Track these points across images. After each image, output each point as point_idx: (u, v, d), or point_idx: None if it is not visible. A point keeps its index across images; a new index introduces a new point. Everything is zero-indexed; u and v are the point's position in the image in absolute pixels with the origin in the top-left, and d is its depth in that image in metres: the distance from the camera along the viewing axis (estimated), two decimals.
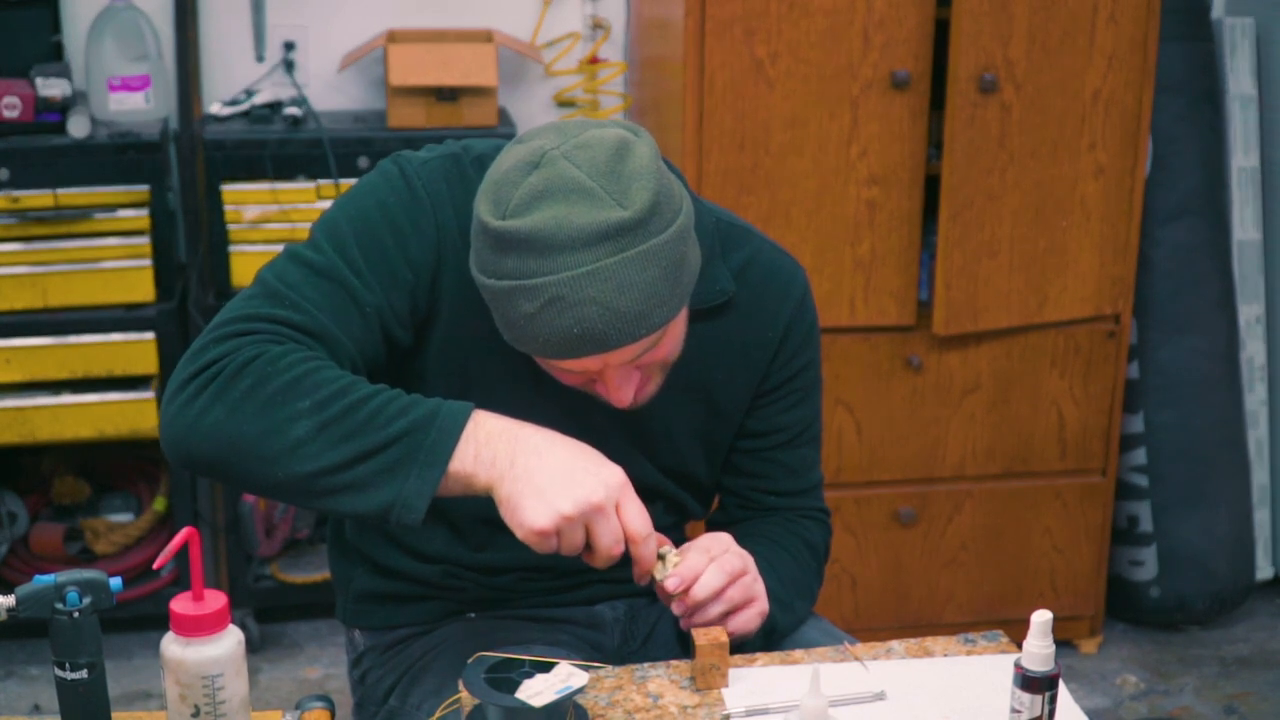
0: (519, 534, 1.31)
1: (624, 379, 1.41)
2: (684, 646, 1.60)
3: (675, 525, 1.70)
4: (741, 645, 1.53)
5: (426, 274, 1.45)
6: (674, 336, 1.44)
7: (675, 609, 1.45)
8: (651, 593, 1.68)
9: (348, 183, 2.78)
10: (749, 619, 1.49)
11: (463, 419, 1.32)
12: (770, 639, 1.57)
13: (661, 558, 1.42)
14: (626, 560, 1.39)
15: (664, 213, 1.33)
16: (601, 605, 1.68)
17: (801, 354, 1.64)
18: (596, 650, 1.64)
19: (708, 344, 1.56)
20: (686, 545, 1.47)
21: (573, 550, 1.33)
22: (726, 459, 1.67)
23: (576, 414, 1.51)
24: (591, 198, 1.30)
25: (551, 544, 1.32)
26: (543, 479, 1.30)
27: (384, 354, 1.45)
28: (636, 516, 1.34)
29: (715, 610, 1.45)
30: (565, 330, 1.31)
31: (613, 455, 1.36)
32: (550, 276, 1.29)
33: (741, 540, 1.58)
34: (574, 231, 1.28)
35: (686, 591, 1.43)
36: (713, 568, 1.44)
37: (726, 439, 1.65)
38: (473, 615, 1.64)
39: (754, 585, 1.49)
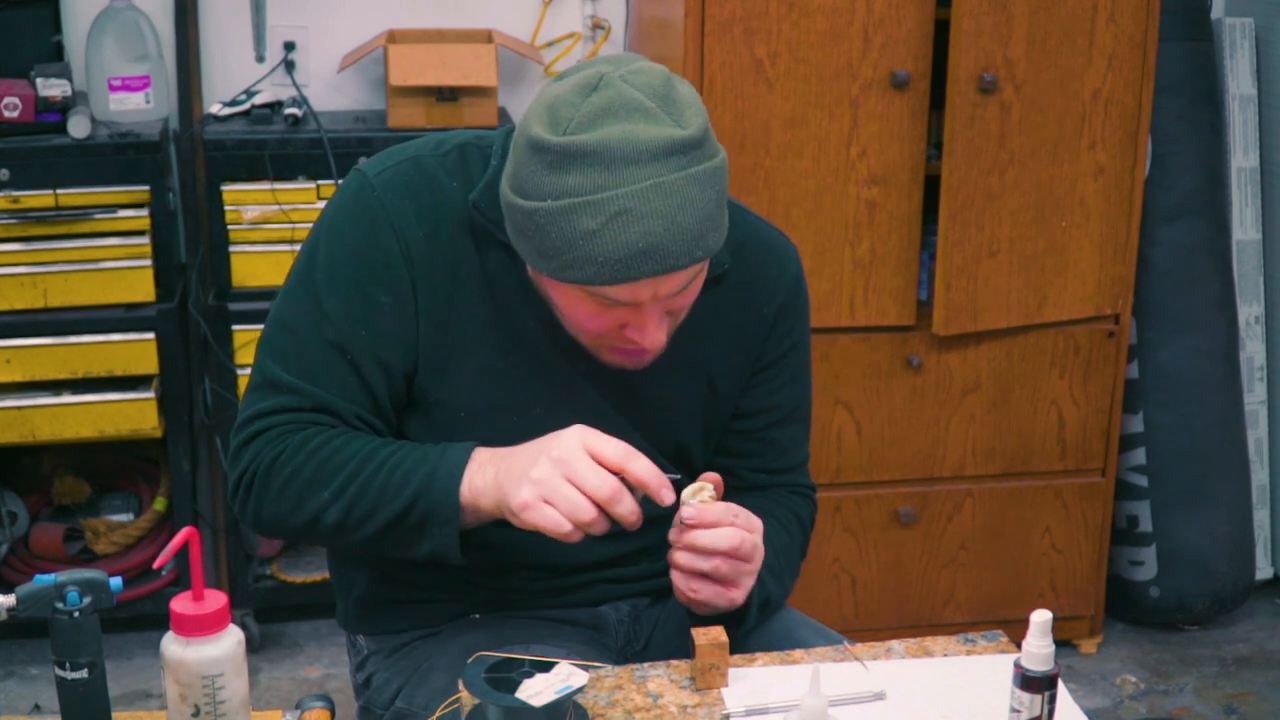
0: (523, 520, 1.35)
1: (660, 320, 1.42)
2: (687, 647, 1.60)
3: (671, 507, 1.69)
4: (730, 625, 1.53)
5: (404, 284, 1.48)
6: (699, 284, 1.46)
7: (670, 535, 1.44)
8: (654, 593, 1.69)
9: None
10: (717, 595, 1.45)
11: (459, 470, 1.39)
12: (763, 611, 1.56)
13: (699, 490, 1.42)
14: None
15: (713, 141, 1.37)
16: (605, 606, 1.67)
17: (794, 332, 1.65)
18: (602, 651, 1.64)
19: (704, 319, 1.57)
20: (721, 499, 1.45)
21: (580, 514, 1.32)
22: (718, 440, 1.67)
23: (572, 394, 1.52)
24: (652, 116, 1.33)
25: (551, 515, 1.33)
26: (520, 466, 1.36)
27: (384, 382, 1.49)
28: (609, 446, 1.35)
29: (698, 565, 1.42)
30: (630, 245, 1.32)
31: (611, 434, 1.36)
32: (618, 190, 1.31)
33: None
34: (641, 145, 1.31)
35: (691, 528, 1.41)
36: (731, 531, 1.42)
37: (724, 419, 1.65)
38: (477, 616, 1.64)
39: (744, 572, 1.46)
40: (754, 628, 1.57)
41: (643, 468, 1.34)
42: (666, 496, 1.35)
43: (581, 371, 1.53)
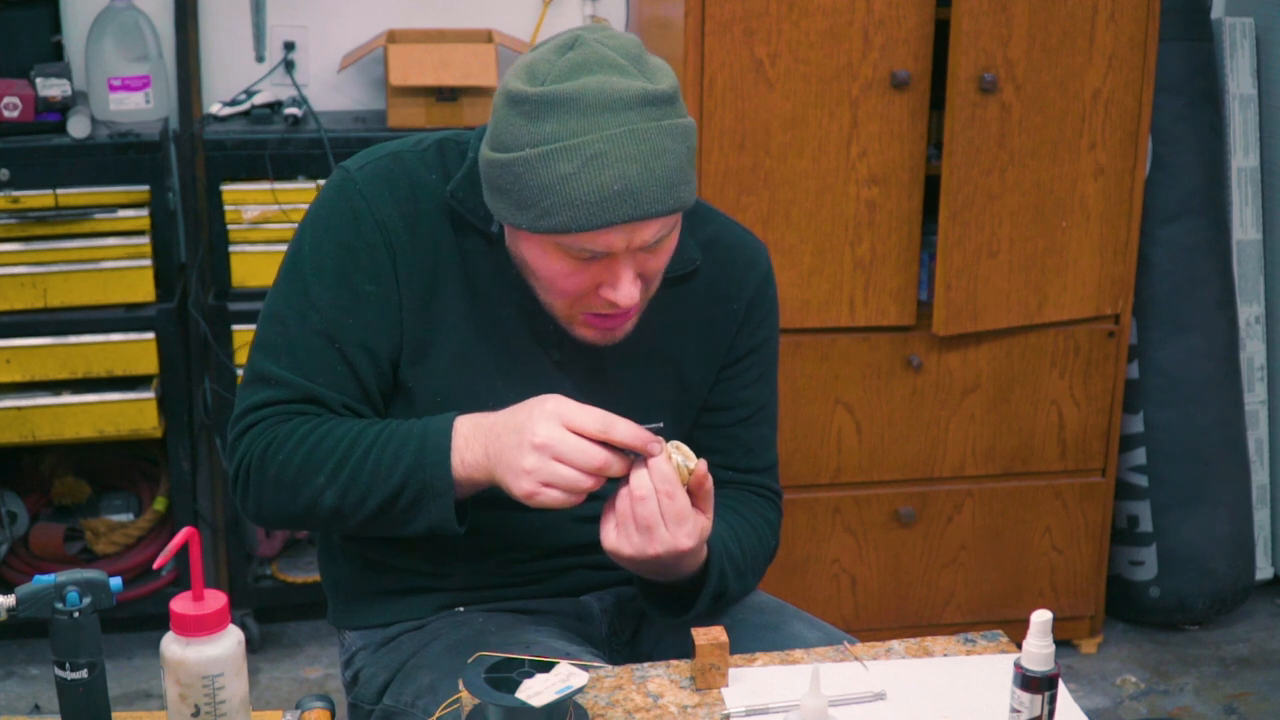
0: (533, 505, 1.38)
1: (634, 278, 1.45)
2: (676, 638, 1.60)
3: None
4: (678, 606, 1.55)
5: (387, 273, 1.52)
6: (670, 246, 1.49)
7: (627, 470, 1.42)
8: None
9: None
10: (624, 534, 1.42)
11: (446, 443, 1.42)
12: (717, 602, 1.57)
13: (681, 450, 1.43)
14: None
15: (684, 106, 1.43)
16: (588, 596, 1.69)
17: (762, 328, 1.68)
18: (586, 641, 1.64)
19: (675, 314, 1.61)
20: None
21: (580, 485, 1.36)
22: (688, 436, 1.68)
23: (545, 382, 1.53)
24: (626, 72, 1.39)
25: (555, 496, 1.37)
26: (508, 454, 1.39)
27: (371, 369, 1.53)
28: (587, 419, 1.37)
29: (622, 502, 1.41)
30: (605, 187, 1.36)
31: None
32: (593, 134, 1.36)
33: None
34: (616, 94, 1.37)
35: (647, 465, 1.39)
36: (648, 484, 1.39)
37: (693, 413, 1.67)
38: (461, 609, 1.64)
39: (629, 525, 1.41)
40: (703, 615, 1.56)
41: (623, 432, 1.38)
42: (654, 449, 1.39)
43: (555, 361, 1.57)
